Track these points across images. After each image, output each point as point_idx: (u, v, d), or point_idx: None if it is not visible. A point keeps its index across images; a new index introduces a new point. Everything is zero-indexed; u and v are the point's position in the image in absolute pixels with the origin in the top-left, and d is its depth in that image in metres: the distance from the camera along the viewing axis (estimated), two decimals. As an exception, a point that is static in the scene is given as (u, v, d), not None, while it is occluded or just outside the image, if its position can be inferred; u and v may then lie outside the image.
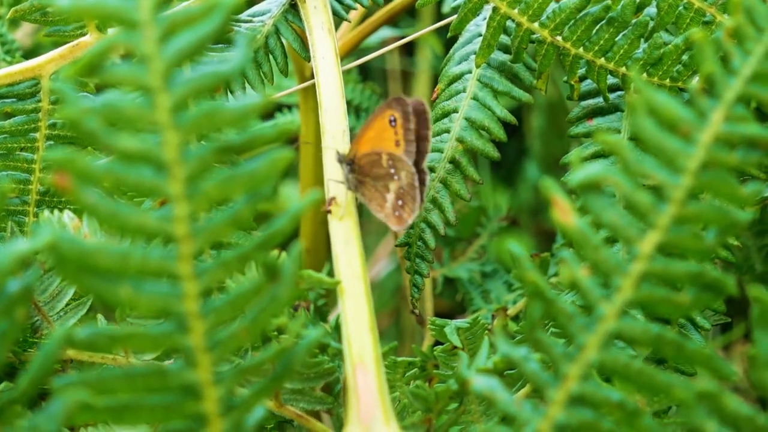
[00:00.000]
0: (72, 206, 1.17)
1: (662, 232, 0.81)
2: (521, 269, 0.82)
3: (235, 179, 0.76)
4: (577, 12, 1.16)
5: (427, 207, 1.22)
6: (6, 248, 0.73)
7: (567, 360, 0.82)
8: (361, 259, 1.03)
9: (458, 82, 1.24)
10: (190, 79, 0.75)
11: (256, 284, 0.78)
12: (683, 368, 1.12)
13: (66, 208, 1.14)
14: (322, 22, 1.20)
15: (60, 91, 0.74)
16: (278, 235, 0.78)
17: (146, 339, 0.77)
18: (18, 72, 1.18)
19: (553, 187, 0.81)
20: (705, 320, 1.14)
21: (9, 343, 0.75)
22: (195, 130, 0.75)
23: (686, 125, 0.81)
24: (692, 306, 0.83)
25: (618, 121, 1.21)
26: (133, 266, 0.75)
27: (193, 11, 0.75)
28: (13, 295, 0.74)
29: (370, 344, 0.97)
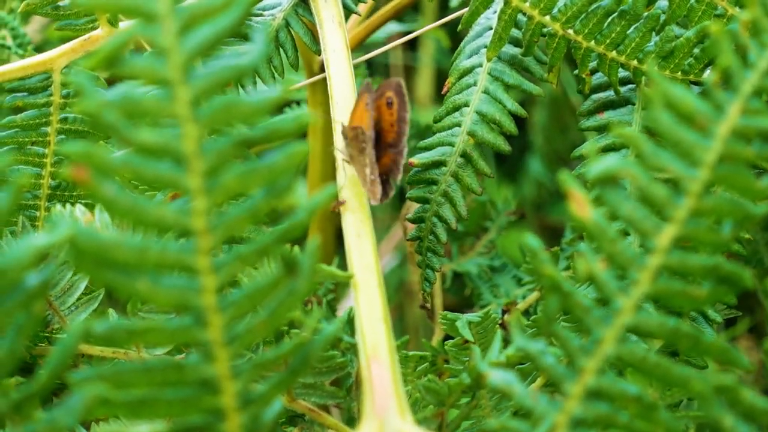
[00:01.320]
0: (84, 200, 1.17)
1: (679, 225, 0.81)
2: (538, 262, 0.82)
3: (254, 173, 0.76)
4: (588, 5, 1.16)
5: (438, 201, 1.22)
6: (24, 242, 0.73)
7: (584, 354, 0.82)
8: (374, 252, 1.03)
9: (469, 76, 1.24)
10: (209, 72, 0.75)
11: (274, 278, 0.78)
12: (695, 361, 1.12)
13: (77, 202, 1.14)
14: (333, 15, 1.19)
15: (78, 84, 0.73)
16: (296, 229, 0.78)
17: (164, 333, 0.77)
18: (29, 66, 1.17)
19: (569, 180, 0.81)
20: (716, 314, 1.14)
21: (26, 336, 0.74)
22: (214, 123, 0.75)
23: (703, 118, 0.81)
24: (708, 299, 0.83)
25: (629, 114, 1.21)
26: (151, 260, 0.75)
27: (213, 4, 0.75)
28: (31, 289, 0.74)
29: (384, 337, 0.97)
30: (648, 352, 0.82)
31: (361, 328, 0.97)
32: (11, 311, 0.74)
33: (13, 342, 0.74)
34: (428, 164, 1.22)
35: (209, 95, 0.75)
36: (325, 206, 0.80)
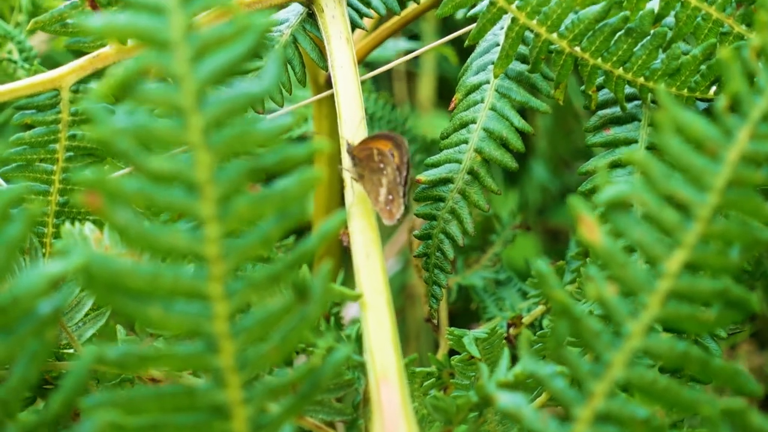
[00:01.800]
0: (92, 217, 1.17)
1: (689, 250, 0.82)
2: (548, 287, 0.83)
3: (267, 200, 0.76)
4: (595, 23, 1.16)
5: (445, 218, 1.22)
6: (37, 270, 0.73)
7: (593, 377, 0.82)
8: (383, 273, 1.03)
9: (476, 93, 1.24)
10: (222, 99, 0.75)
11: (286, 304, 0.78)
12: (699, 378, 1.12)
13: (86, 219, 1.14)
14: (340, 32, 1.20)
15: (90, 111, 0.74)
16: (308, 255, 0.78)
17: (176, 359, 0.77)
18: (38, 83, 1.17)
19: (579, 204, 0.81)
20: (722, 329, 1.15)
21: (39, 363, 0.75)
22: (227, 151, 0.75)
23: (713, 143, 0.81)
24: (717, 323, 0.83)
25: (635, 131, 1.21)
26: (164, 286, 0.75)
27: (226, 32, 0.75)
28: (43, 317, 0.74)
29: (393, 358, 0.97)
30: (657, 376, 0.82)
31: (370, 350, 0.97)
32: (24, 339, 0.74)
33: (26, 369, 0.74)
34: (435, 181, 1.23)
35: (222, 123, 0.75)
36: (336, 231, 0.80)
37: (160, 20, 0.75)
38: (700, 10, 1.16)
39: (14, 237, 0.73)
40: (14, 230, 0.73)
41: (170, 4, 0.75)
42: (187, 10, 0.75)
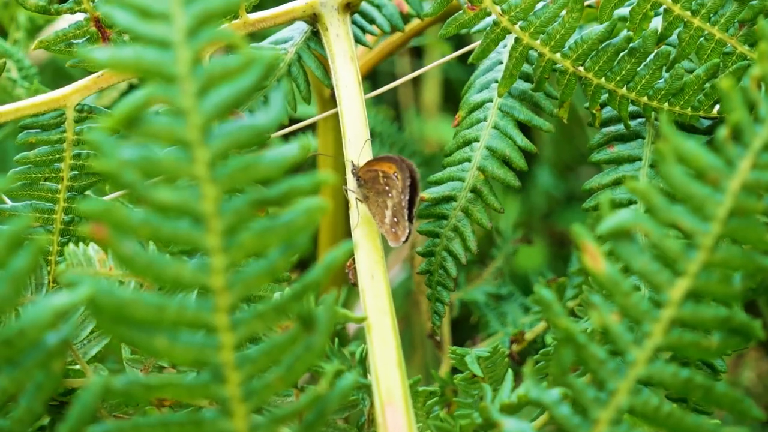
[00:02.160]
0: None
1: (691, 279, 0.82)
2: (552, 315, 0.83)
3: (272, 231, 0.77)
4: (599, 42, 1.16)
5: (448, 236, 1.22)
6: (43, 302, 0.73)
7: (598, 405, 0.83)
8: (387, 294, 1.04)
9: (479, 111, 1.25)
10: (227, 132, 0.75)
11: (291, 334, 0.79)
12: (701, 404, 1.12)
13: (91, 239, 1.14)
14: (345, 50, 1.20)
15: (96, 143, 0.74)
16: (313, 286, 0.78)
17: (182, 389, 0.78)
18: (42, 103, 1.18)
19: (583, 233, 0.82)
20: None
21: (46, 395, 0.75)
22: (232, 184, 0.76)
23: (715, 173, 0.82)
24: (720, 350, 0.84)
25: (639, 148, 1.21)
26: (169, 317, 0.76)
27: (231, 65, 0.75)
28: (50, 349, 0.74)
29: (398, 381, 0.97)
30: (662, 403, 0.83)
31: (375, 372, 0.98)
32: (30, 370, 0.74)
33: (32, 401, 0.75)
34: (438, 199, 1.23)
35: (227, 156, 0.76)
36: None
37: (166, 54, 0.75)
38: (703, 30, 1.16)
39: (21, 269, 0.74)
40: (21, 263, 0.74)
41: (176, 38, 0.75)
42: (194, 45, 0.75)
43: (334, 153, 1.54)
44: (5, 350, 0.74)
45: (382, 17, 1.32)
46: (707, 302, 0.83)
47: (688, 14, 1.16)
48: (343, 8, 1.22)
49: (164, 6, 0.76)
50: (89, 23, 1.17)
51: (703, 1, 1.16)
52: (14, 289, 0.74)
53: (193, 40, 0.75)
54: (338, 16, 1.22)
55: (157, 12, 0.76)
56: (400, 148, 1.79)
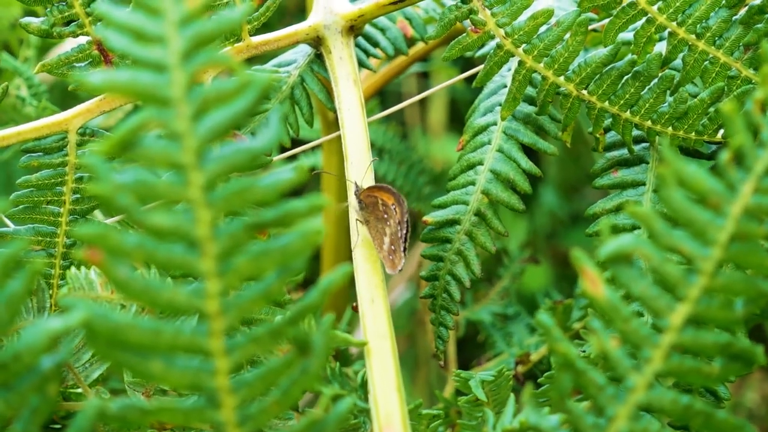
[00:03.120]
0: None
1: (692, 304, 0.81)
2: (551, 340, 0.83)
3: (267, 255, 0.76)
4: (602, 66, 1.16)
5: (452, 259, 1.22)
6: (38, 326, 0.73)
7: (597, 431, 0.82)
8: (387, 318, 1.03)
9: (483, 134, 1.24)
10: (222, 156, 0.75)
11: (288, 358, 0.78)
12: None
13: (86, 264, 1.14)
14: (348, 73, 1.20)
15: (92, 167, 0.74)
16: (310, 309, 0.78)
17: (177, 413, 0.77)
18: (45, 126, 1.18)
19: (582, 258, 0.81)
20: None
21: (41, 419, 0.75)
22: (227, 207, 0.75)
23: (716, 197, 0.81)
24: (721, 376, 0.83)
25: (643, 173, 1.21)
26: (165, 342, 0.76)
27: (226, 88, 0.75)
28: (45, 372, 0.74)
29: (397, 406, 0.97)
30: (661, 429, 0.82)
31: (374, 397, 0.97)
32: (25, 395, 0.74)
33: (27, 425, 0.74)
34: (442, 222, 1.23)
35: (222, 179, 0.75)
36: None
37: (161, 77, 0.75)
38: (708, 53, 1.16)
39: (17, 293, 0.73)
40: (16, 286, 0.74)
41: (171, 61, 0.75)
42: (189, 68, 0.75)
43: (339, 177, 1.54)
44: (0, 374, 0.73)
45: (386, 40, 1.32)
46: (708, 328, 0.83)
47: (693, 38, 1.16)
48: (346, 31, 1.22)
49: (159, 29, 0.76)
50: (92, 46, 1.17)
51: (708, 25, 1.15)
52: (10, 312, 0.74)
53: (188, 64, 0.75)
54: (342, 39, 1.22)
55: (152, 35, 0.76)
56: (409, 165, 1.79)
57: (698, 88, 1.23)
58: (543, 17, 1.15)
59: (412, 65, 1.57)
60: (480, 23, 1.16)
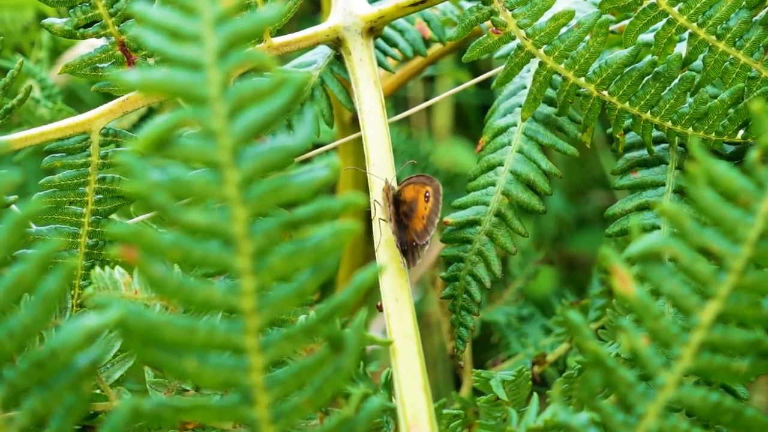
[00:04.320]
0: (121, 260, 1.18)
1: (722, 302, 0.82)
2: (581, 338, 0.83)
3: (301, 253, 0.76)
4: (623, 67, 1.16)
5: (472, 260, 1.22)
6: (74, 323, 0.73)
7: (627, 428, 0.82)
8: (412, 317, 1.04)
9: (503, 135, 1.25)
10: (258, 154, 0.75)
11: (320, 356, 0.78)
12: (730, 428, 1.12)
13: (116, 263, 1.14)
14: (368, 74, 1.20)
15: (126, 165, 0.74)
16: (343, 308, 0.78)
17: (211, 411, 0.77)
18: (68, 127, 1.18)
19: (612, 256, 0.81)
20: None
21: (75, 417, 0.75)
22: (262, 205, 0.76)
23: (746, 195, 0.81)
24: (750, 374, 0.83)
25: (662, 174, 1.21)
26: (199, 340, 0.76)
27: (262, 87, 0.75)
28: (80, 370, 0.74)
29: (424, 405, 0.97)
30: (691, 428, 0.82)
31: (400, 396, 0.97)
32: (61, 393, 0.74)
33: (63, 423, 0.74)
34: (463, 223, 1.23)
35: (258, 177, 0.76)
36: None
37: (197, 76, 0.75)
38: (728, 54, 1.16)
39: (52, 291, 0.74)
40: (52, 284, 0.74)
41: (207, 59, 0.75)
42: (224, 66, 0.75)
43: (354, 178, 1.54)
44: (36, 372, 0.74)
45: (404, 42, 1.32)
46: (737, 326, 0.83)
47: (713, 39, 1.16)
48: (366, 33, 1.22)
49: (195, 28, 0.76)
50: (114, 47, 1.17)
51: (728, 26, 1.16)
52: (45, 311, 0.74)
53: (224, 62, 0.75)
54: (362, 40, 1.22)
55: (188, 34, 0.76)
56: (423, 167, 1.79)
57: (718, 90, 1.24)
58: (564, 18, 1.15)
59: (427, 68, 1.57)
60: (501, 24, 1.17)
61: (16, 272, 0.74)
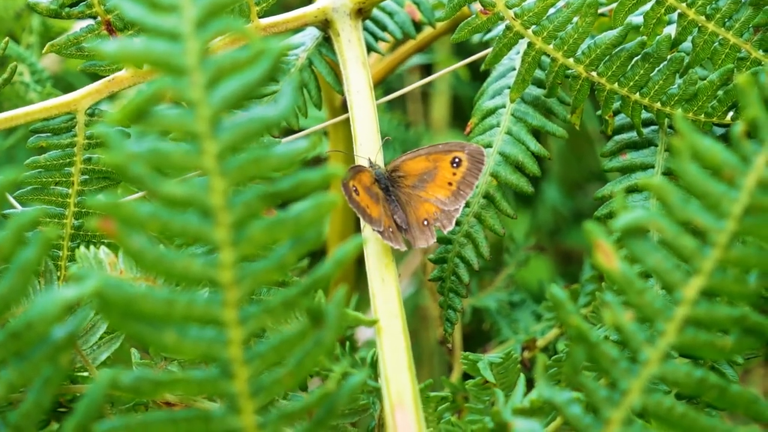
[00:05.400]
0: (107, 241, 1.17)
1: (706, 277, 0.81)
2: (564, 313, 0.82)
3: (281, 225, 0.76)
4: (612, 47, 1.16)
5: (461, 242, 1.22)
6: (51, 294, 0.73)
7: (610, 404, 0.82)
8: (398, 298, 1.03)
9: (492, 117, 1.24)
10: (236, 124, 0.75)
11: (300, 329, 0.78)
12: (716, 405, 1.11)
13: (101, 243, 1.14)
14: (357, 56, 1.19)
15: (105, 136, 0.74)
16: (323, 281, 0.77)
17: (191, 384, 0.77)
18: (53, 107, 1.17)
19: (596, 231, 0.81)
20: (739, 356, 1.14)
21: (53, 389, 0.74)
22: (241, 176, 0.75)
23: (730, 169, 0.81)
24: (735, 350, 0.83)
25: (651, 156, 1.21)
26: (178, 312, 0.75)
27: (241, 57, 0.75)
28: (57, 342, 0.74)
29: (408, 384, 0.97)
30: (674, 403, 0.82)
31: (385, 375, 0.97)
32: (38, 364, 0.74)
33: (40, 394, 0.74)
34: (451, 205, 1.22)
35: (236, 148, 0.75)
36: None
37: (176, 46, 0.75)
38: (718, 35, 1.16)
39: (29, 260, 0.73)
40: (29, 254, 0.73)
41: (185, 29, 0.75)
42: (202, 36, 0.75)
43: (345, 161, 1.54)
44: (13, 343, 0.73)
45: (393, 24, 1.32)
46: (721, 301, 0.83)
47: (703, 19, 1.16)
48: (355, 14, 1.22)
49: (173, -3, 0.75)
50: (100, 27, 1.17)
51: (718, 6, 1.15)
52: (22, 281, 0.73)
53: (202, 32, 0.75)
54: (350, 21, 1.21)
55: (167, 4, 0.75)
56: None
57: (707, 71, 1.23)
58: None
59: (416, 53, 1.57)
60: (489, 5, 1.16)
61: (-7, 242, 0.73)
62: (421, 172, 1.14)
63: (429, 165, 1.14)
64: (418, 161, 1.14)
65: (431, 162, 1.14)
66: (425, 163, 1.14)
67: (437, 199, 1.13)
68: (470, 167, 1.13)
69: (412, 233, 1.12)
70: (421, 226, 1.12)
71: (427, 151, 1.15)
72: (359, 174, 1.12)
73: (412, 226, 1.12)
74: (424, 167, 1.14)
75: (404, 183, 1.14)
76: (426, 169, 1.14)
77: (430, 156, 1.14)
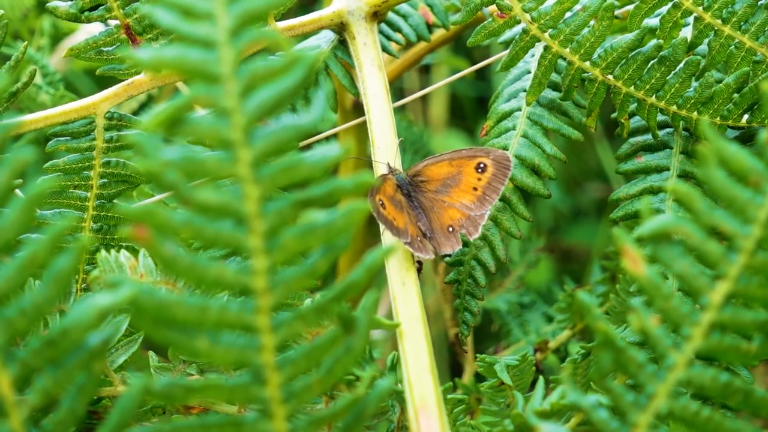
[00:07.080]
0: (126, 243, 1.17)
1: (732, 282, 0.81)
2: (591, 319, 0.83)
3: (313, 232, 0.76)
4: (628, 51, 1.16)
5: (477, 245, 1.22)
6: (86, 302, 0.73)
7: (637, 408, 0.82)
8: (419, 301, 1.03)
9: (507, 120, 1.24)
10: (270, 133, 0.75)
11: (331, 336, 0.78)
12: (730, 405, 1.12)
13: (120, 246, 1.14)
14: (372, 59, 1.20)
15: (138, 143, 0.74)
16: (354, 288, 0.78)
17: (222, 390, 0.77)
18: (72, 110, 1.18)
19: (623, 237, 0.81)
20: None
21: (88, 396, 0.75)
22: (275, 184, 0.75)
23: (756, 176, 0.81)
24: (759, 354, 0.83)
25: (667, 159, 1.21)
26: (211, 319, 0.76)
27: (275, 65, 0.75)
28: (92, 349, 0.74)
29: (431, 387, 0.97)
30: (701, 408, 0.82)
31: (408, 379, 0.97)
32: (72, 371, 0.74)
33: (74, 402, 0.74)
34: (467, 207, 1.23)
35: (270, 156, 0.75)
36: (382, 263, 0.80)
37: (210, 54, 0.75)
38: (734, 38, 1.16)
39: (64, 269, 0.73)
40: (63, 262, 0.74)
41: (220, 37, 0.75)
42: (237, 44, 0.75)
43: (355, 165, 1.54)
44: (49, 351, 0.73)
45: (408, 27, 1.32)
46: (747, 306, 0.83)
47: (719, 22, 1.16)
48: (370, 17, 1.22)
49: (208, 6, 0.76)
50: (119, 30, 1.17)
51: (734, 10, 1.16)
52: (57, 290, 0.74)
53: (237, 40, 0.75)
54: (366, 24, 1.22)
55: (201, 12, 0.76)
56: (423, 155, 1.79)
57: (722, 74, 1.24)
58: (569, 2, 1.15)
59: (428, 55, 1.57)
60: (506, 8, 1.16)
61: (28, 251, 0.73)
62: (444, 177, 1.15)
63: (452, 170, 1.14)
64: (441, 166, 1.15)
65: (455, 167, 1.14)
66: (448, 168, 1.15)
67: (462, 204, 1.13)
68: (496, 173, 1.14)
69: (437, 239, 1.12)
70: (446, 232, 1.12)
71: (450, 156, 1.15)
72: (383, 185, 1.12)
73: (437, 232, 1.12)
74: (447, 172, 1.14)
75: (427, 188, 1.14)
76: (449, 174, 1.14)
77: (454, 161, 1.15)
